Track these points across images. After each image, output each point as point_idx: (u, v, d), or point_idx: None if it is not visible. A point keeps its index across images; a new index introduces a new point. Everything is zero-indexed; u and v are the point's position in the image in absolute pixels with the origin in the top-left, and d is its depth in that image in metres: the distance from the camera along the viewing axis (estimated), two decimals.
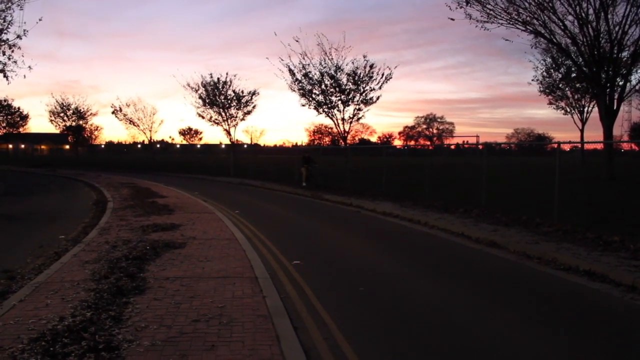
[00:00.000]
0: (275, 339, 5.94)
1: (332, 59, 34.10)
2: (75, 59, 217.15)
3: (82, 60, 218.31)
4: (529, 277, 9.33)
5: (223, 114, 45.76)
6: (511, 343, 6.11)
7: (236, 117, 46.24)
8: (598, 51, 26.24)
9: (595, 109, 30.22)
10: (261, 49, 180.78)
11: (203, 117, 46.22)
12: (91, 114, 74.11)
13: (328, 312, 7.19)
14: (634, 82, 30.45)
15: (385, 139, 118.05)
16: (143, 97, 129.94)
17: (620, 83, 27.62)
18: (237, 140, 61.50)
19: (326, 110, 35.31)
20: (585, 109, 50.00)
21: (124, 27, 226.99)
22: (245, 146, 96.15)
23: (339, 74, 34.38)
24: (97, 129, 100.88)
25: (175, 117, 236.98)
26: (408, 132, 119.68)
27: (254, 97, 45.82)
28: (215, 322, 6.43)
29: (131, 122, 61.74)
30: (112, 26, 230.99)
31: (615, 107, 27.13)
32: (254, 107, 46.21)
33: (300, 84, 35.21)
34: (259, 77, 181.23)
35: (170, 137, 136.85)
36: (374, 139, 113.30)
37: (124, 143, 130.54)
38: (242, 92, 45.33)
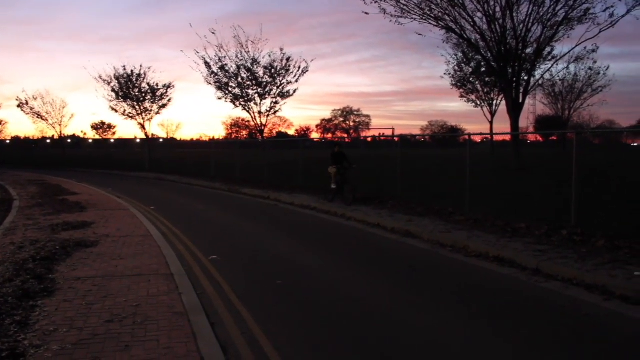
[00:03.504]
0: (192, 336, 5.87)
1: (248, 51, 34.02)
2: None
3: None
4: (443, 265, 9.65)
5: (137, 107, 44.76)
6: (429, 329, 6.30)
7: (151, 110, 45.43)
8: (505, 47, 27.46)
9: (504, 102, 31.55)
10: (177, 40, 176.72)
11: (116, 111, 45.16)
12: None
13: (245, 306, 7.16)
14: (537, 77, 32.04)
15: (303, 132, 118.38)
16: (52, 90, 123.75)
17: (525, 78, 28.99)
18: (152, 134, 60.31)
19: (243, 103, 35.19)
20: (494, 102, 52.26)
21: (30, 15, 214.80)
22: (161, 140, 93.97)
23: (255, 67, 34.35)
24: (1, 123, 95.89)
25: (87, 111, 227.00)
26: (325, 125, 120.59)
27: (169, 90, 45.23)
28: (130, 322, 6.28)
29: (39, 116, 59.11)
30: (15, 13, 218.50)
31: (521, 101, 28.54)
32: (169, 100, 45.60)
33: (217, 77, 34.95)
34: (175, 69, 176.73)
35: (82, 131, 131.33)
36: (291, 132, 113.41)
37: (32, 138, 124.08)
38: (157, 85, 44.64)
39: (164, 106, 45.59)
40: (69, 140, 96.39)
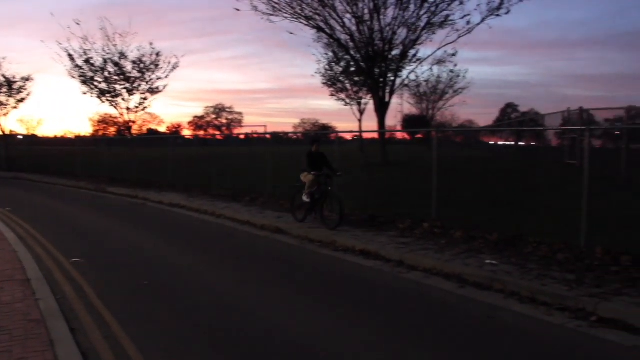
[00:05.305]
0: (50, 344, 5.58)
1: (116, 45, 32.94)
2: None
3: None
4: (312, 260, 9.87)
5: None
6: (295, 323, 6.42)
7: (7, 105, 42.43)
8: (372, 48, 28.47)
9: (372, 101, 32.66)
10: (37, 30, 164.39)
11: None
12: None
13: (109, 310, 6.92)
14: (403, 77, 33.47)
15: (174, 129, 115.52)
16: None
17: (392, 78, 30.19)
18: (10, 130, 56.48)
19: (110, 99, 33.96)
20: (363, 101, 53.98)
21: None
22: (21, 137, 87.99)
23: (123, 61, 33.30)
24: None
25: None
26: (197, 122, 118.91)
27: (28, 83, 42.44)
28: None
29: None
30: None
31: (387, 100, 29.72)
32: (28, 94, 42.84)
33: (81, 71, 33.44)
34: (35, 61, 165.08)
35: None
36: (162, 129, 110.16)
37: None
38: (14, 77, 41.70)
39: (22, 100, 42.81)
40: None
